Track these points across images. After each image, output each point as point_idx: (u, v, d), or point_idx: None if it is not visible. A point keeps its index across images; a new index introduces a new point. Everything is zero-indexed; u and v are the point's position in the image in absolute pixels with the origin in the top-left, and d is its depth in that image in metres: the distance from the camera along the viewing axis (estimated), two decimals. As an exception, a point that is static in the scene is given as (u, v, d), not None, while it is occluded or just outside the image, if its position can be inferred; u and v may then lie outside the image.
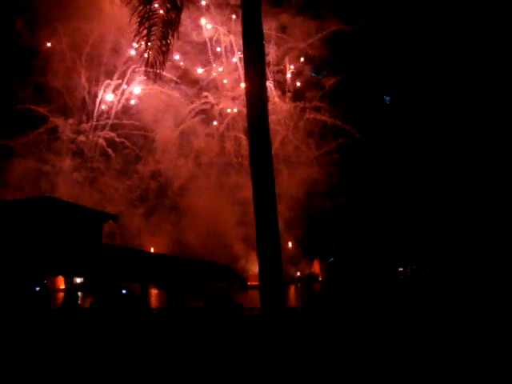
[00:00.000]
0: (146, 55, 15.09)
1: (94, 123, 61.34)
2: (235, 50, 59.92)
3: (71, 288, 26.38)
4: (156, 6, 14.70)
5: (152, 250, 50.43)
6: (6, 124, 57.28)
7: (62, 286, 34.19)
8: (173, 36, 15.09)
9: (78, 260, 20.41)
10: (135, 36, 15.14)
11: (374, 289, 45.42)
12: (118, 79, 60.86)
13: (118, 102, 60.93)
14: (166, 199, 62.58)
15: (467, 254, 53.52)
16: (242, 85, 59.37)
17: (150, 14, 14.54)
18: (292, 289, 52.70)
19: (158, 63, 15.09)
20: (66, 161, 60.09)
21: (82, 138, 61.40)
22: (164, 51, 15.05)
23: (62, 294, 28.26)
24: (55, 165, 59.36)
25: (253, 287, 34.51)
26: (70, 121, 61.13)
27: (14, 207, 21.71)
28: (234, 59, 60.92)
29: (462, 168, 55.90)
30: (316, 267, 63.96)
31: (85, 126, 61.46)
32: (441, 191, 57.31)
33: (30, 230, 20.33)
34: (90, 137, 61.58)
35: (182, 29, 15.38)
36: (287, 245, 56.73)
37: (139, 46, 14.92)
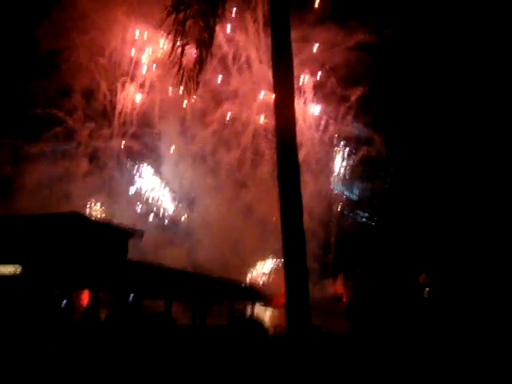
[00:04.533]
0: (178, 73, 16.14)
1: (115, 131, 63.11)
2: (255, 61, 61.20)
3: (91, 302, 27.85)
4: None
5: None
6: (23, 127, 59.39)
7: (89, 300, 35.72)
8: (206, 56, 16.28)
9: (104, 275, 21.99)
10: (169, 55, 16.25)
11: (399, 309, 46.36)
12: (140, 88, 62.83)
13: (137, 111, 62.80)
14: (179, 213, 63.83)
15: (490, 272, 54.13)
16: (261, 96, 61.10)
17: (183, 33, 15.82)
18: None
19: (191, 82, 16.22)
20: (81, 166, 61.65)
21: (100, 144, 63.17)
22: (197, 70, 16.24)
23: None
24: (70, 170, 61.00)
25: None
26: (90, 126, 62.94)
27: (42, 221, 23.37)
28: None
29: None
30: (339, 287, 64.71)
31: (105, 132, 63.35)
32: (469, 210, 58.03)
33: (57, 245, 21.96)
34: (109, 144, 63.37)
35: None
36: (314, 264, 57.51)
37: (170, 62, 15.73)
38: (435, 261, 58.92)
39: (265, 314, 38.82)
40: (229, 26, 59.55)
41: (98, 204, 61.79)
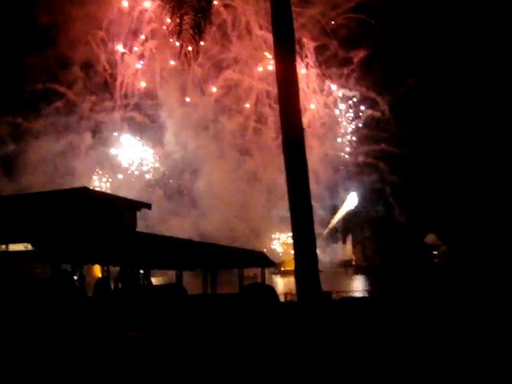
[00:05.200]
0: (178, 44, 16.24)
1: (117, 103, 63.33)
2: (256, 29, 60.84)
3: (103, 276, 28.36)
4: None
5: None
6: (22, 104, 59.62)
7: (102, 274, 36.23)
8: (205, 24, 16.29)
9: (114, 249, 22.31)
10: (168, 27, 16.22)
11: (411, 273, 46.70)
12: (139, 58, 62.82)
13: (138, 79, 62.97)
14: (186, 183, 64.28)
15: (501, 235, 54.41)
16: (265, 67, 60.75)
17: (182, 2, 15.85)
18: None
19: (191, 52, 16.29)
20: (84, 140, 62.05)
21: (102, 116, 63.48)
22: (197, 40, 16.29)
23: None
24: (73, 144, 61.45)
25: (286, 272, 36.12)
26: (92, 98, 63.19)
27: (51, 198, 23.65)
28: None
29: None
30: (349, 251, 65.41)
31: (107, 104, 63.54)
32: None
33: (67, 221, 22.23)
34: (111, 116, 63.65)
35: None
36: (322, 229, 57.96)
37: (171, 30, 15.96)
38: (446, 220, 59.36)
39: (276, 281, 39.34)
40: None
41: (104, 178, 62.50)
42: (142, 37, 62.54)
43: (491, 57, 55.64)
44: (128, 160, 64.81)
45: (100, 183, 62.18)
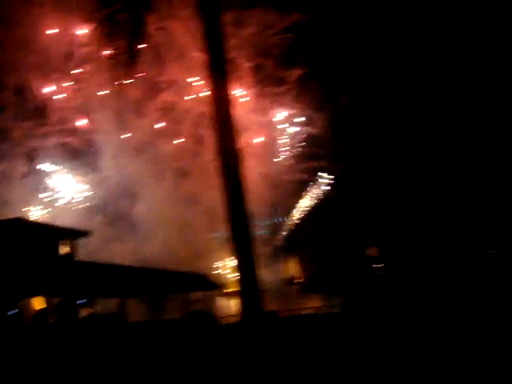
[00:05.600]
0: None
1: (51, 128, 61.99)
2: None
3: (41, 309, 27.59)
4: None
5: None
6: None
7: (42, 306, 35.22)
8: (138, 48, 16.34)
9: (51, 280, 21.77)
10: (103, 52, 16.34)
11: (354, 286, 47.40)
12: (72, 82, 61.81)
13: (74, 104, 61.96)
14: (123, 208, 63.37)
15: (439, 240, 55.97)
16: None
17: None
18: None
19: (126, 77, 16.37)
20: (18, 167, 60.56)
21: (35, 142, 61.98)
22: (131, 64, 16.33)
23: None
24: (6, 172, 59.84)
25: (231, 294, 36.04)
26: (24, 124, 61.70)
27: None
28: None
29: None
30: (294, 269, 65.68)
31: (41, 130, 62.05)
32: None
33: (1, 253, 21.65)
34: (45, 141, 62.23)
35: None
36: (264, 248, 58.09)
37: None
38: (386, 233, 60.56)
39: (222, 303, 39.19)
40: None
41: (40, 207, 60.96)
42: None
43: (425, 71, 57.41)
44: (65, 187, 63.59)
45: (36, 212, 60.70)
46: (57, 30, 59.62)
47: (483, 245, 55.07)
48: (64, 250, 23.56)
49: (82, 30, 59.28)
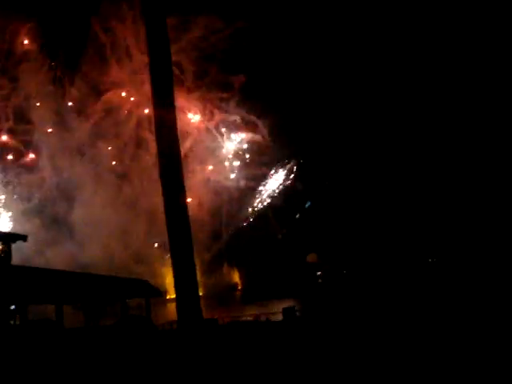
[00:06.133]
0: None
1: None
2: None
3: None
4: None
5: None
6: None
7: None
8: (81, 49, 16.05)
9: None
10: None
11: (294, 290, 48.04)
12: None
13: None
14: (63, 211, 62.14)
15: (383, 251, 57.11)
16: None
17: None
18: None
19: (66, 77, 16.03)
20: None
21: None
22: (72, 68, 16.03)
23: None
24: None
25: (171, 300, 35.87)
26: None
27: None
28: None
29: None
30: (234, 276, 65.82)
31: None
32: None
33: None
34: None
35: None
36: (205, 254, 57.99)
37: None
38: (324, 240, 61.40)
39: (162, 310, 38.86)
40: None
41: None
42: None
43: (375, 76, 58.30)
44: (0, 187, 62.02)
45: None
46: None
47: (423, 253, 56.66)
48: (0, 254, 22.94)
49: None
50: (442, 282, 39.54)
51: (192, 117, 63.46)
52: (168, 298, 41.03)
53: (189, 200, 17.83)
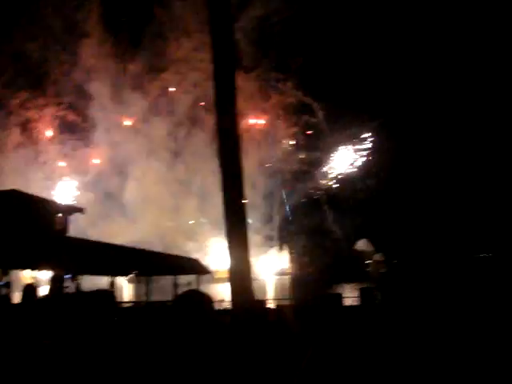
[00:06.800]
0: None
1: (49, 100, 62.11)
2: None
3: (30, 284, 27.63)
4: None
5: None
6: None
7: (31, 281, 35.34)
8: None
9: (44, 254, 21.88)
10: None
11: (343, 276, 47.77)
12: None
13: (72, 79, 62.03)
14: (117, 186, 63.44)
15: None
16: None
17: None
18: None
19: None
20: (13, 137, 60.66)
21: (33, 113, 62.04)
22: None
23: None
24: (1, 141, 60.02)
25: (221, 279, 36.21)
26: (22, 94, 61.64)
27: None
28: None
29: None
30: (285, 260, 65.88)
31: (38, 101, 62.17)
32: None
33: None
34: (43, 113, 62.31)
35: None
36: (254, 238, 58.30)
37: None
38: (378, 228, 60.89)
39: (211, 288, 39.32)
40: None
41: (35, 180, 60.92)
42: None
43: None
44: (58, 160, 63.65)
45: (29, 184, 60.77)
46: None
47: (472, 249, 55.67)
48: (57, 225, 23.63)
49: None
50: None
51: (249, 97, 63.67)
52: (217, 277, 41.53)
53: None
